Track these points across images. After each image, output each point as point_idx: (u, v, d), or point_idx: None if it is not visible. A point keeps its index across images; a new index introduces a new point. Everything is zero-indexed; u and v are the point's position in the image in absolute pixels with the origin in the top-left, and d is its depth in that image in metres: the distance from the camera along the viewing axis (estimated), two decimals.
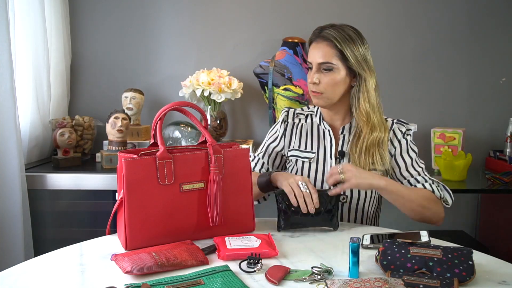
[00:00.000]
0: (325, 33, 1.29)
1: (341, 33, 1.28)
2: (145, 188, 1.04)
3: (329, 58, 1.27)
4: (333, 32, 1.28)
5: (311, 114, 1.44)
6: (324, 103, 1.32)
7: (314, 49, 1.31)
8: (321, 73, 1.29)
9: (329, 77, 1.28)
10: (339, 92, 1.30)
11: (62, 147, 1.91)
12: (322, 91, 1.29)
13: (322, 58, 1.28)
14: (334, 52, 1.27)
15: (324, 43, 1.28)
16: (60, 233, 1.81)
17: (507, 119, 2.23)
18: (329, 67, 1.28)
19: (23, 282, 0.90)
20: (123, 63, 2.32)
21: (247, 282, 0.88)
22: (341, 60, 1.28)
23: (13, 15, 1.78)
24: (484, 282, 0.89)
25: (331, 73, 1.28)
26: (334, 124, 1.38)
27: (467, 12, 2.31)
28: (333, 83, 1.28)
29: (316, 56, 1.29)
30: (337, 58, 1.28)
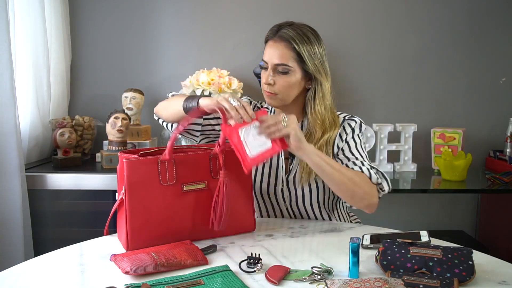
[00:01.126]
0: (283, 32, 1.24)
1: (300, 34, 1.24)
2: (147, 188, 1.04)
3: (286, 60, 1.23)
4: (292, 32, 1.23)
5: (266, 111, 1.41)
6: (278, 104, 1.29)
7: (271, 48, 1.26)
8: (277, 74, 1.25)
9: (284, 79, 1.24)
10: (294, 94, 1.28)
11: (62, 147, 1.91)
12: (277, 92, 1.26)
13: (279, 60, 1.24)
14: (291, 54, 1.23)
15: (282, 44, 1.24)
16: (60, 233, 1.81)
17: (507, 119, 2.23)
18: (285, 69, 1.24)
19: (23, 282, 0.90)
20: (123, 63, 2.32)
21: (247, 282, 0.88)
22: (298, 62, 1.24)
23: (13, 15, 1.78)
24: (484, 282, 0.89)
25: (287, 75, 1.24)
26: None
27: (467, 12, 2.31)
28: (288, 85, 1.25)
29: (272, 57, 1.24)
30: (294, 60, 1.24)
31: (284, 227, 1.24)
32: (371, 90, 2.34)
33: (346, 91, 2.31)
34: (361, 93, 2.33)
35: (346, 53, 2.32)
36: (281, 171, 1.32)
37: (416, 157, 2.29)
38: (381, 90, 2.36)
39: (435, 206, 2.42)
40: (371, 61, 2.34)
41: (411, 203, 2.40)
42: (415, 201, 2.40)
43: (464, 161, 2.02)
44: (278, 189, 1.32)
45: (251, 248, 1.06)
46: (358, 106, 2.33)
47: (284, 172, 1.32)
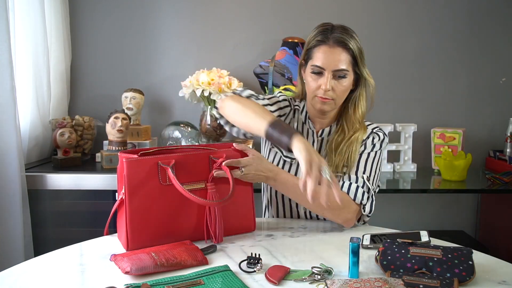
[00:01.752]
0: (338, 36, 1.22)
1: (351, 36, 1.23)
2: (147, 188, 1.04)
3: (344, 64, 1.22)
4: (344, 35, 1.22)
5: (297, 109, 1.39)
6: (331, 108, 1.28)
7: (327, 54, 1.22)
8: (335, 79, 1.23)
9: (342, 83, 1.24)
10: (345, 97, 1.28)
11: (62, 147, 1.91)
12: (334, 98, 1.25)
13: (339, 65, 1.22)
14: (348, 59, 1.23)
15: (340, 48, 1.22)
16: (60, 233, 1.81)
17: (507, 119, 2.23)
18: (344, 74, 1.23)
19: (23, 282, 0.90)
20: (123, 63, 2.32)
21: (247, 282, 0.88)
22: (352, 65, 1.25)
23: (13, 15, 1.78)
24: (484, 282, 0.89)
25: (344, 79, 1.24)
26: (317, 125, 1.35)
27: (467, 12, 2.31)
28: (345, 89, 1.26)
29: (331, 63, 1.22)
30: (349, 64, 1.24)
31: (284, 227, 1.24)
32: None
33: None
34: None
35: None
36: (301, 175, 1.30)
37: (416, 157, 2.29)
38: (381, 90, 2.34)
39: (435, 206, 2.42)
40: (371, 61, 2.30)
41: (411, 203, 2.40)
42: (415, 201, 2.40)
43: (464, 161, 2.02)
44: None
45: (251, 248, 1.06)
46: None
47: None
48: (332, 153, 1.28)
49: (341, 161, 1.27)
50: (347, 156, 1.27)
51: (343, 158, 1.27)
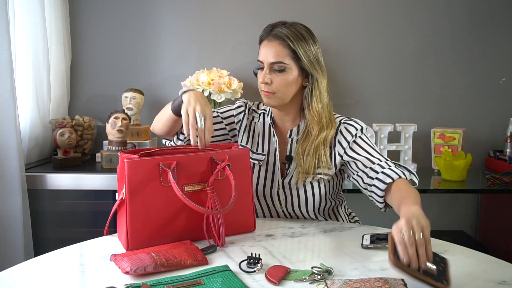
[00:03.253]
0: (277, 31, 1.25)
1: (294, 31, 1.24)
2: (148, 189, 1.04)
3: (281, 57, 1.23)
4: (285, 30, 1.24)
5: (264, 114, 1.40)
6: (276, 103, 1.28)
7: (265, 48, 1.26)
8: (273, 73, 1.25)
9: (281, 77, 1.24)
10: (291, 92, 1.27)
11: (62, 147, 1.91)
12: (274, 91, 1.25)
13: (274, 58, 1.24)
14: (286, 52, 1.23)
15: (276, 42, 1.24)
16: (60, 233, 1.81)
17: (507, 119, 2.23)
18: (281, 67, 1.24)
19: (23, 282, 0.90)
20: (123, 63, 2.32)
21: (247, 282, 0.88)
22: (294, 59, 1.24)
23: (13, 15, 1.78)
24: (484, 282, 0.89)
25: (284, 73, 1.24)
26: (285, 125, 1.35)
27: (467, 12, 2.31)
28: (286, 83, 1.25)
29: (268, 55, 1.25)
30: (289, 57, 1.23)
31: (284, 227, 1.24)
32: (371, 90, 2.34)
33: (346, 91, 2.31)
34: (361, 93, 2.33)
35: (346, 53, 2.32)
36: (277, 174, 1.33)
37: (416, 157, 2.29)
38: (381, 90, 2.36)
39: (435, 206, 2.42)
40: (371, 61, 2.34)
41: None
42: None
43: (464, 161, 2.02)
44: (274, 191, 1.33)
45: (251, 248, 1.06)
46: (358, 106, 2.33)
47: (280, 175, 1.32)
48: (301, 157, 1.28)
49: (312, 164, 1.27)
50: (317, 158, 1.27)
51: (313, 160, 1.27)
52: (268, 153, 1.35)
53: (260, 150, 1.36)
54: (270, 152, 1.35)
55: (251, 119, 1.41)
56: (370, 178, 1.21)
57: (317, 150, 1.27)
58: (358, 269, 0.95)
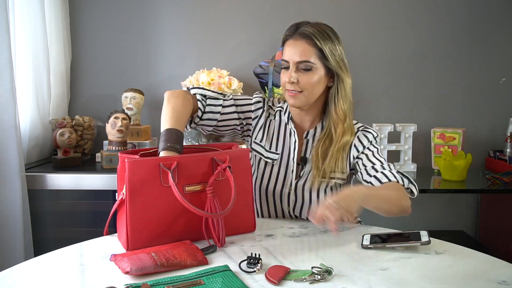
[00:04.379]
0: (303, 30, 1.22)
1: (320, 31, 1.22)
2: (148, 189, 1.04)
3: (308, 56, 1.21)
4: (311, 29, 1.22)
5: (280, 111, 1.37)
6: (301, 104, 1.25)
7: (291, 47, 1.24)
8: (299, 72, 1.22)
9: (308, 76, 1.22)
10: (317, 92, 1.25)
11: (62, 147, 1.91)
12: (301, 90, 1.23)
13: (300, 57, 1.21)
14: (313, 51, 1.21)
15: (303, 41, 1.22)
16: (60, 233, 1.81)
17: (507, 119, 2.23)
18: (308, 66, 1.21)
19: (23, 282, 0.90)
20: (123, 63, 2.32)
21: (247, 282, 0.88)
22: (320, 59, 1.22)
23: (13, 15, 1.78)
24: (484, 282, 0.89)
25: (310, 72, 1.22)
26: (303, 125, 1.33)
27: (467, 12, 2.32)
28: (312, 82, 1.22)
29: (294, 54, 1.22)
30: (316, 56, 1.21)
31: (284, 227, 1.23)
32: (371, 90, 2.34)
33: None
34: (361, 93, 2.33)
35: (346, 53, 2.30)
36: (290, 175, 1.31)
37: (416, 157, 2.29)
38: (381, 90, 2.36)
39: (435, 206, 2.42)
40: (371, 61, 2.34)
41: (411, 203, 2.39)
42: (415, 201, 2.37)
43: (464, 161, 2.02)
44: (284, 192, 1.31)
45: (251, 248, 1.06)
46: (358, 106, 2.32)
47: (293, 177, 1.31)
48: (319, 160, 1.26)
49: (329, 167, 1.26)
50: (334, 162, 1.26)
51: (331, 164, 1.26)
52: (282, 153, 1.33)
53: (274, 149, 1.34)
54: (284, 152, 1.32)
55: (267, 116, 1.37)
56: (368, 175, 1.23)
57: (338, 154, 1.26)
58: (358, 269, 0.95)
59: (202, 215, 1.04)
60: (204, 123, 1.33)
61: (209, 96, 1.33)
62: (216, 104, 1.33)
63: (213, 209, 1.06)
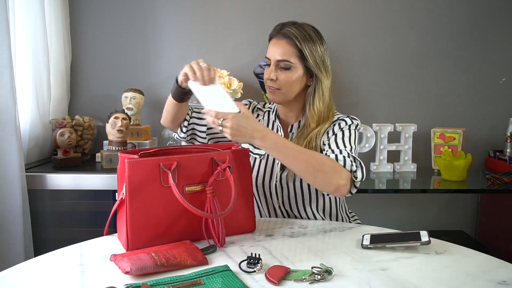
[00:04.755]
0: (286, 30, 1.29)
1: (302, 32, 1.28)
2: (148, 189, 1.04)
3: (288, 56, 1.28)
4: (294, 30, 1.28)
5: (269, 111, 1.46)
6: (280, 100, 1.33)
7: (273, 46, 1.31)
8: (279, 70, 1.30)
9: (286, 74, 1.29)
10: (295, 90, 1.31)
11: (62, 147, 1.91)
12: (279, 87, 1.30)
13: (281, 56, 1.29)
14: (293, 51, 1.28)
15: (284, 41, 1.29)
16: (60, 233, 1.81)
17: (507, 119, 2.23)
18: (287, 65, 1.29)
19: (23, 282, 0.90)
20: (123, 63, 2.32)
21: (247, 282, 0.88)
22: (300, 59, 1.29)
23: (13, 15, 1.78)
24: (484, 282, 0.89)
25: (289, 71, 1.29)
26: (288, 120, 1.40)
27: (467, 12, 2.32)
28: (290, 81, 1.29)
29: (275, 53, 1.30)
30: (295, 57, 1.28)
31: (284, 227, 1.24)
32: (371, 90, 2.34)
33: (346, 91, 2.31)
34: (361, 93, 2.33)
35: (346, 53, 2.32)
36: (276, 167, 1.35)
37: (416, 157, 2.29)
38: (381, 90, 2.36)
39: (435, 206, 2.42)
40: (371, 61, 2.34)
41: (411, 203, 2.40)
42: (415, 201, 2.40)
43: (464, 161, 2.02)
44: (272, 185, 1.35)
45: (251, 248, 1.06)
46: (358, 106, 2.33)
47: (279, 168, 1.35)
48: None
49: None
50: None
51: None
52: None
53: None
54: None
55: (255, 117, 1.44)
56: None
57: (309, 144, 1.29)
58: (358, 269, 0.95)
59: (202, 215, 1.04)
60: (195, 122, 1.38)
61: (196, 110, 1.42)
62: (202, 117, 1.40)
63: (213, 209, 1.06)
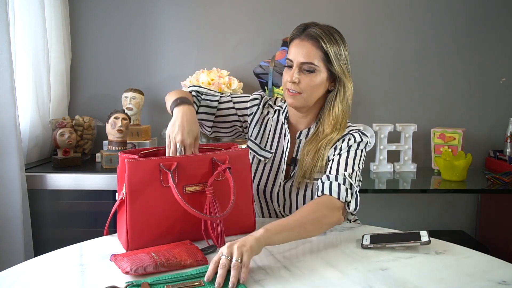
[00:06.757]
0: (311, 30, 1.22)
1: (327, 33, 1.21)
2: (148, 189, 1.04)
3: (312, 58, 1.21)
4: (319, 30, 1.21)
5: (279, 111, 1.37)
6: (300, 104, 1.24)
7: (297, 47, 1.23)
8: (302, 73, 1.22)
9: (310, 78, 1.21)
10: (317, 95, 1.25)
11: (62, 147, 1.91)
12: (301, 91, 1.22)
13: (304, 58, 1.21)
14: (318, 53, 1.21)
15: (309, 42, 1.21)
16: (60, 233, 1.81)
17: (507, 119, 2.23)
18: (311, 68, 1.21)
19: (23, 282, 0.90)
20: (123, 63, 2.32)
21: (247, 281, 0.88)
22: (324, 62, 1.22)
23: (13, 15, 1.78)
24: (484, 282, 0.89)
25: (313, 74, 1.22)
26: (298, 126, 1.33)
27: (467, 12, 2.32)
28: (313, 84, 1.22)
29: (298, 55, 1.21)
30: (320, 59, 1.21)
31: None
32: (371, 90, 2.35)
33: None
34: (361, 93, 2.33)
35: None
36: (280, 175, 1.31)
37: (416, 157, 2.29)
38: (381, 90, 2.36)
39: (435, 206, 2.42)
40: (372, 61, 2.34)
41: (411, 203, 2.40)
42: (415, 201, 2.40)
43: (464, 161, 2.02)
44: (274, 192, 1.32)
45: None
46: (358, 106, 2.33)
47: (283, 177, 1.31)
48: (304, 159, 1.25)
49: (310, 166, 1.24)
50: (316, 161, 1.23)
51: (313, 163, 1.23)
52: (276, 152, 1.33)
53: (269, 147, 1.34)
54: (278, 151, 1.33)
55: (266, 114, 1.38)
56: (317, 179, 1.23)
57: (319, 152, 1.24)
58: (358, 269, 0.95)
59: (201, 217, 1.04)
60: (201, 117, 1.35)
61: (205, 93, 1.37)
62: (213, 99, 1.36)
63: (213, 210, 1.06)
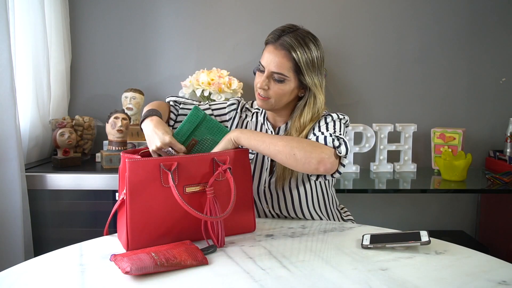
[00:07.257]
0: (285, 40, 1.21)
1: (301, 43, 1.21)
2: (148, 189, 1.04)
3: (283, 69, 1.21)
4: (293, 40, 1.21)
5: (257, 113, 1.40)
6: (268, 107, 1.28)
7: (270, 54, 1.23)
8: (272, 81, 1.23)
9: (279, 86, 1.23)
10: (285, 101, 1.27)
11: (62, 147, 1.91)
12: (270, 97, 1.25)
13: (276, 68, 1.22)
14: (289, 65, 1.21)
15: (282, 52, 1.21)
16: (60, 233, 1.81)
17: (507, 119, 2.23)
18: (281, 78, 1.22)
19: (23, 282, 0.90)
20: (123, 63, 2.32)
21: (247, 282, 0.88)
22: (295, 73, 1.22)
23: (13, 15, 1.78)
24: (484, 282, 0.89)
25: (282, 83, 1.23)
26: (276, 124, 1.35)
27: (467, 12, 2.32)
28: (282, 93, 1.24)
29: (270, 64, 1.22)
30: (291, 70, 1.22)
31: (284, 227, 1.24)
32: (371, 90, 2.35)
33: (346, 91, 2.31)
34: (361, 93, 2.33)
35: (347, 53, 2.32)
36: (265, 173, 1.32)
37: (416, 157, 2.29)
38: (381, 90, 2.36)
39: (435, 206, 2.42)
40: (371, 61, 2.34)
41: (411, 203, 2.40)
42: (415, 201, 2.40)
43: (464, 161, 2.02)
44: (260, 190, 1.33)
45: (251, 248, 1.06)
46: (358, 106, 2.33)
47: (267, 174, 1.32)
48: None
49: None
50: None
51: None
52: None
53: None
54: None
55: (244, 118, 1.41)
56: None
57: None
58: (358, 269, 0.95)
59: (201, 218, 1.04)
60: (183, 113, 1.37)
61: (183, 102, 1.40)
62: (191, 108, 1.37)
63: (213, 210, 1.06)
